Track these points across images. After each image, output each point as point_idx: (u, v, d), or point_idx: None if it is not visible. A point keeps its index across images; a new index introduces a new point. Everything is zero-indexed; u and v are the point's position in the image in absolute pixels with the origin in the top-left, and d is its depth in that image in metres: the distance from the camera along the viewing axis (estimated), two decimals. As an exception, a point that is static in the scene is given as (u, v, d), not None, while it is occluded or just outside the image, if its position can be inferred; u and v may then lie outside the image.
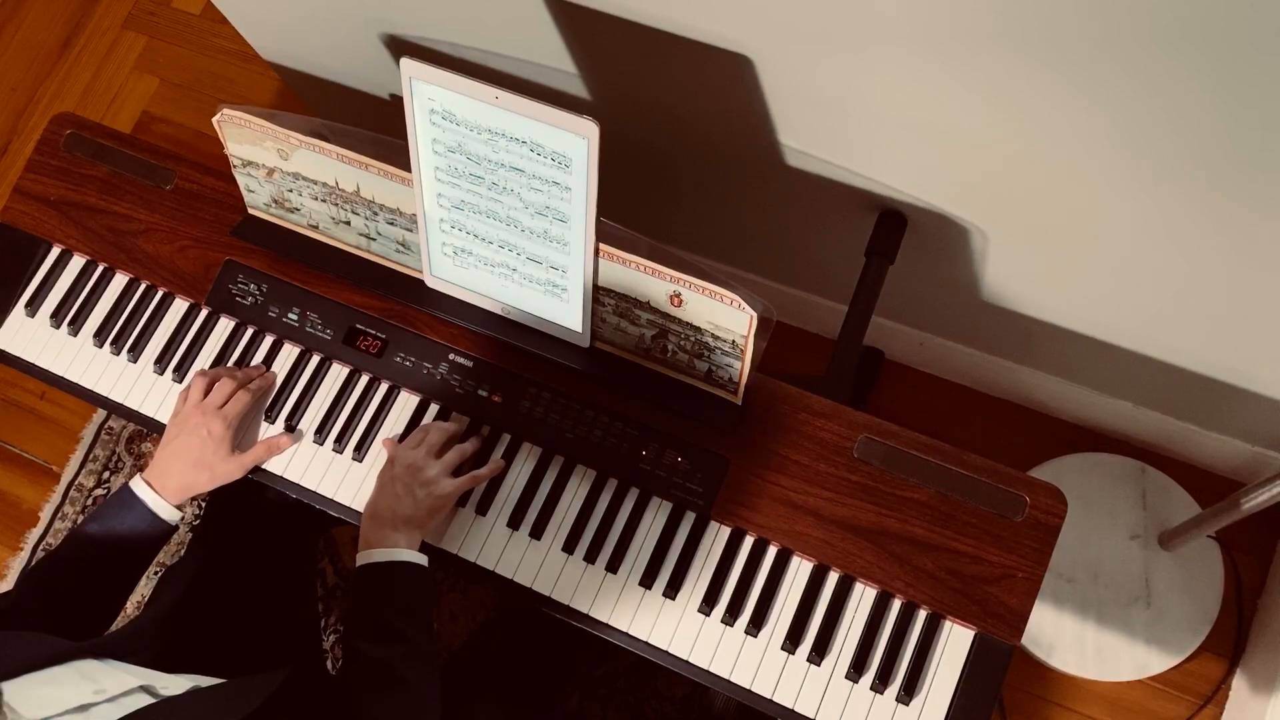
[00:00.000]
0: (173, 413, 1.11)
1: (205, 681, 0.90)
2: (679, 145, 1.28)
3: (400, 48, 1.30)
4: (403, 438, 1.10)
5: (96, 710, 0.78)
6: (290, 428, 1.14)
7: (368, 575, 0.99)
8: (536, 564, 1.07)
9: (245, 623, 1.16)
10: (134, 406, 1.18)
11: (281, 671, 0.90)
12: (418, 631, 0.97)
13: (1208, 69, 0.76)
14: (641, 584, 1.05)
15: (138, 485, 1.05)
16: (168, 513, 1.06)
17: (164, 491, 1.05)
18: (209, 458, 1.07)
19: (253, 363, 1.17)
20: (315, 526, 1.30)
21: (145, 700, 0.82)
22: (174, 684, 0.87)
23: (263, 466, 1.13)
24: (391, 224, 1.09)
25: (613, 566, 1.06)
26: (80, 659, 0.86)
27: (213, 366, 1.18)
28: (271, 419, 1.15)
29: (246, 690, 0.87)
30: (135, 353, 1.20)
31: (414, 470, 1.03)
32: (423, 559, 1.01)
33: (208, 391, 1.10)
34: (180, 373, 1.19)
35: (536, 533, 1.08)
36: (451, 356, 1.13)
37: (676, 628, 1.04)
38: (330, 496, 1.12)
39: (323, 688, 1.13)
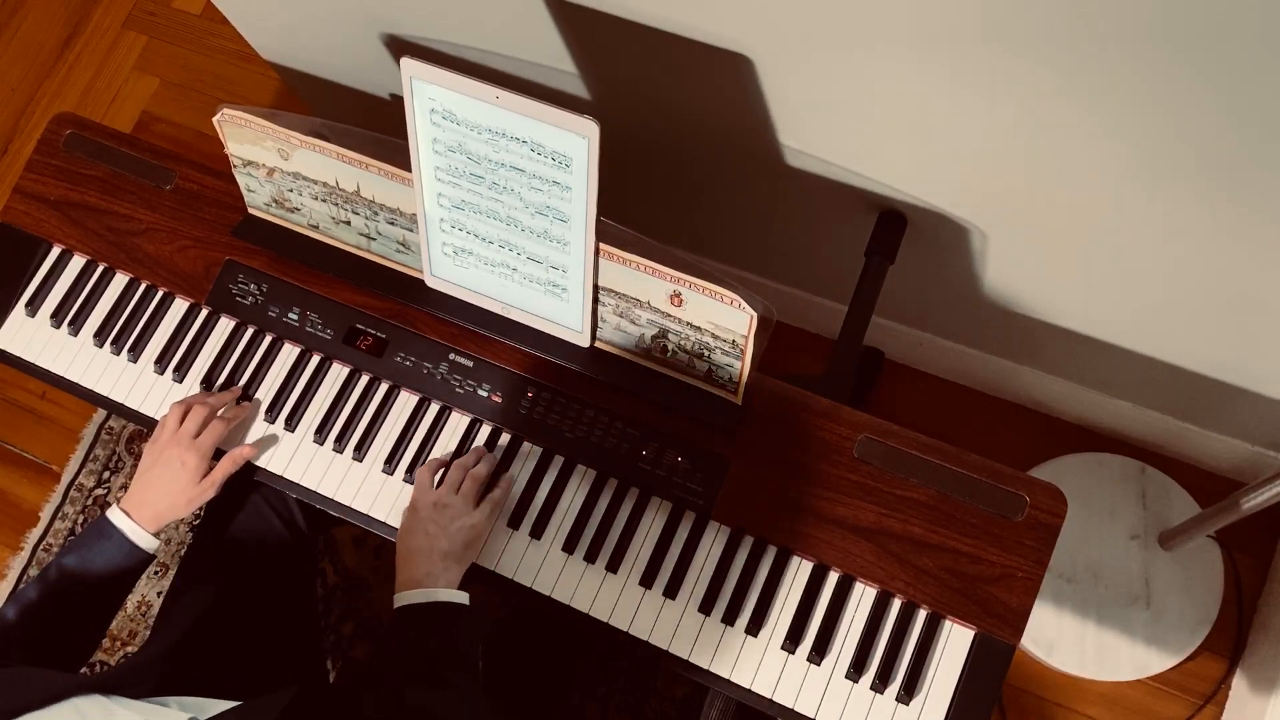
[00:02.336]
0: (150, 440, 1.11)
1: (208, 708, 0.89)
2: (679, 145, 1.29)
3: (400, 48, 1.30)
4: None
5: None
6: (290, 428, 1.15)
7: (409, 617, 0.96)
8: (536, 564, 1.07)
9: (246, 631, 1.16)
10: (134, 406, 1.19)
11: (288, 691, 0.89)
12: (464, 676, 0.94)
13: (1207, 67, 0.76)
14: (641, 584, 1.05)
15: (115, 515, 1.05)
16: (145, 541, 1.06)
17: (141, 521, 1.05)
18: (183, 486, 1.08)
19: (252, 363, 1.17)
20: (315, 527, 1.30)
21: None
22: (173, 718, 0.86)
23: (263, 466, 1.13)
24: (391, 224, 1.09)
25: (613, 566, 1.06)
26: (78, 695, 0.85)
27: (213, 367, 1.18)
28: (272, 418, 1.15)
29: (249, 714, 0.86)
30: (135, 353, 1.20)
31: (441, 508, 1.02)
32: (464, 597, 0.99)
33: (183, 420, 1.10)
34: (180, 373, 1.19)
35: (536, 533, 1.08)
36: (451, 356, 1.13)
37: (676, 627, 1.03)
38: (330, 496, 1.12)
39: (325, 696, 1.13)
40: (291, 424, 1.15)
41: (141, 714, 0.84)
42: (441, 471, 1.08)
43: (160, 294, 1.22)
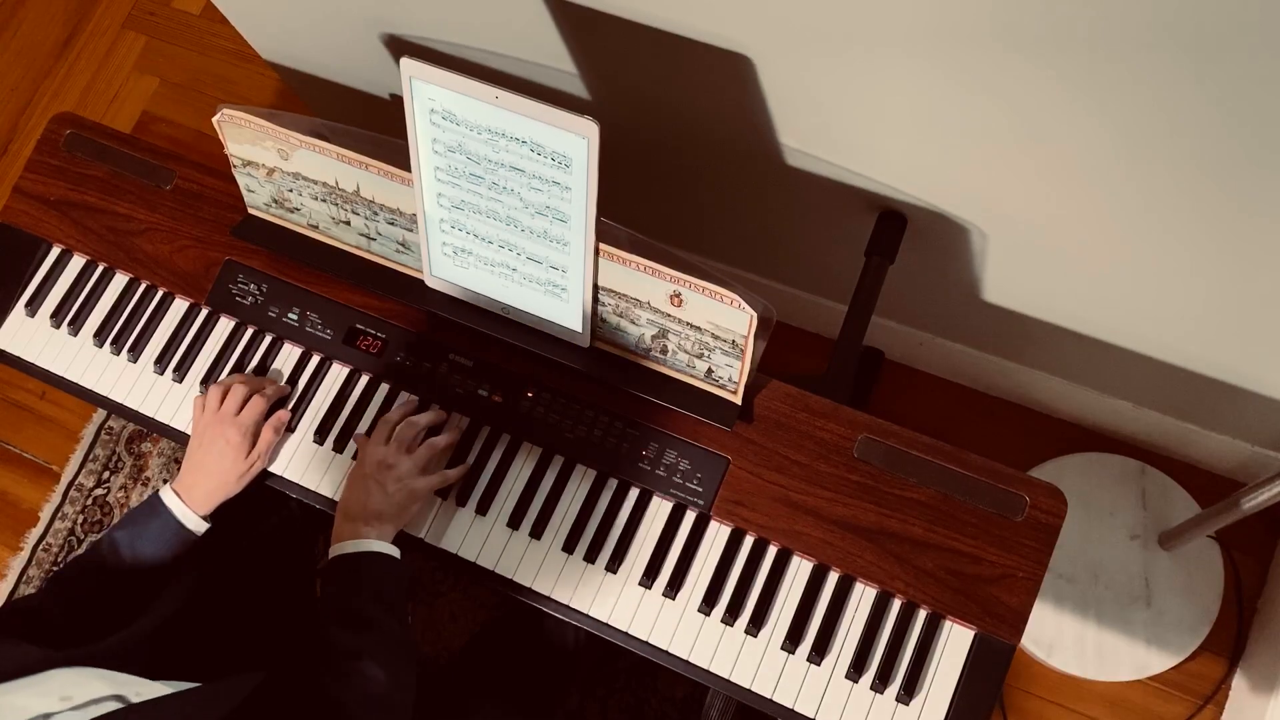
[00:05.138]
0: (192, 423, 1.12)
1: (183, 688, 0.89)
2: (679, 145, 1.29)
3: (400, 48, 1.30)
4: (370, 431, 1.11)
5: (59, 718, 0.77)
6: (290, 428, 1.14)
7: (337, 566, 0.99)
8: (536, 564, 1.07)
9: (241, 625, 1.16)
10: (134, 406, 1.19)
11: (256, 675, 0.89)
12: (387, 618, 0.96)
13: (1210, 72, 0.76)
14: (641, 584, 1.05)
15: (166, 495, 1.06)
16: (194, 523, 1.06)
17: (192, 502, 1.06)
18: (230, 464, 1.08)
19: (252, 363, 1.17)
20: (315, 527, 1.30)
21: (112, 707, 0.80)
22: (149, 691, 0.85)
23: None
24: (391, 224, 1.09)
25: (613, 566, 1.06)
26: (53, 668, 0.85)
27: (213, 367, 1.18)
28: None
29: (219, 694, 0.86)
30: (135, 353, 1.20)
31: (383, 467, 1.04)
32: (394, 550, 1.01)
33: (223, 399, 1.11)
34: (180, 373, 1.19)
35: (536, 532, 1.08)
36: (451, 356, 1.13)
37: (676, 627, 1.04)
38: (330, 497, 1.12)
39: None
40: (291, 424, 1.15)
41: (117, 686, 0.84)
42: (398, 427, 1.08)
43: (160, 294, 1.22)
